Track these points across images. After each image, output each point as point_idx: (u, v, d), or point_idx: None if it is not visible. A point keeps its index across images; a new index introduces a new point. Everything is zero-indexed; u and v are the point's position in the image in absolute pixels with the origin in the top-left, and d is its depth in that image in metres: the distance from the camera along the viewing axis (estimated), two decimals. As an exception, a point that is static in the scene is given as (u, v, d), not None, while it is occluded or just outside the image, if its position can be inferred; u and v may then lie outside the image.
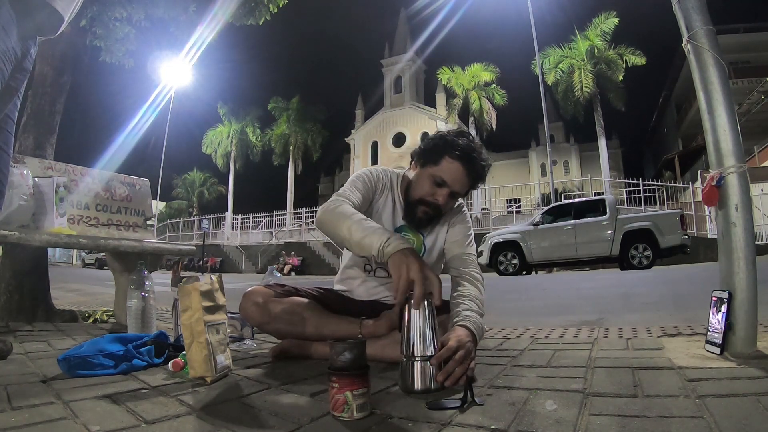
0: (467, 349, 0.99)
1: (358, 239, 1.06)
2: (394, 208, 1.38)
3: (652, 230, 8.05)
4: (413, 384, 0.95)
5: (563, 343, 1.55)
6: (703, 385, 0.92)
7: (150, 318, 1.61)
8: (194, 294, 1.10)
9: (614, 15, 18.21)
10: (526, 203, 16.73)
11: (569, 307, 3.07)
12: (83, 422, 0.78)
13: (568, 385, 0.97)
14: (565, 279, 7.09)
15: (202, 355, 1.07)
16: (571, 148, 35.14)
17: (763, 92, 16.24)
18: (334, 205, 1.18)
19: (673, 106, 27.11)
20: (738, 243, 1.17)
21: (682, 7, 1.27)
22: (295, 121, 26.36)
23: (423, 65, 35.06)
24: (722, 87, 1.21)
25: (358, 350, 0.82)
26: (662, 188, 13.48)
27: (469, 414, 0.80)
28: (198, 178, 33.16)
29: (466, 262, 1.34)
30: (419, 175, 1.32)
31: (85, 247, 2.06)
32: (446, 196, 1.28)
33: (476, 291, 1.25)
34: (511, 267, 8.88)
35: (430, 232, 1.39)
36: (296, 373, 1.18)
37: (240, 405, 0.90)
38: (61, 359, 1.14)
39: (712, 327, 1.21)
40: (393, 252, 0.98)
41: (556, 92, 19.52)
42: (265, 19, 4.95)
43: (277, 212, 20.56)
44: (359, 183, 1.33)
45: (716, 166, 1.21)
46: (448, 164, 1.26)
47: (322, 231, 1.18)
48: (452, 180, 1.27)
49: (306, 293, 1.37)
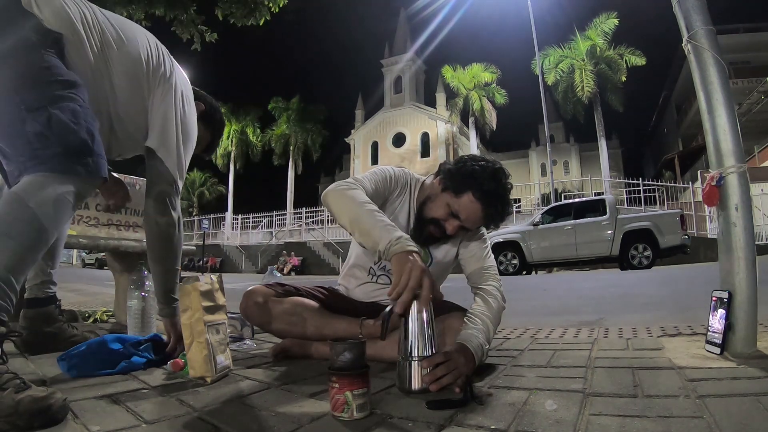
0: (457, 361, 0.98)
1: (367, 228, 1.03)
2: (409, 216, 1.34)
3: (652, 230, 8.05)
4: (410, 384, 0.95)
5: (563, 343, 1.55)
6: (703, 385, 0.92)
7: (150, 318, 1.61)
8: (194, 294, 1.10)
9: (614, 15, 18.24)
10: (526, 203, 16.71)
11: (569, 307, 3.07)
12: (83, 422, 0.78)
13: (568, 385, 0.97)
14: (565, 279, 7.10)
15: (202, 355, 1.07)
16: (571, 148, 35.16)
17: (763, 92, 16.23)
18: (349, 186, 1.14)
19: (673, 106, 27.12)
20: (738, 243, 1.17)
21: (682, 7, 1.27)
22: (295, 121, 26.34)
23: (423, 65, 35.08)
24: (722, 87, 1.21)
25: (358, 350, 0.82)
26: (662, 188, 13.47)
27: (469, 414, 0.80)
28: (198, 178, 33.15)
29: (483, 276, 1.30)
30: (438, 196, 1.26)
31: (85, 247, 2.06)
32: (456, 228, 1.24)
33: (487, 309, 1.21)
34: (511, 267, 8.87)
35: (438, 246, 1.36)
36: (296, 373, 1.18)
37: (240, 405, 0.90)
38: (61, 359, 1.14)
39: (712, 327, 1.21)
40: (400, 251, 0.96)
41: (556, 92, 19.52)
42: (265, 19, 4.96)
43: (277, 212, 20.54)
44: (379, 178, 1.29)
45: (716, 166, 1.21)
46: (468, 201, 1.20)
47: (326, 206, 1.15)
48: (467, 217, 1.22)
49: (307, 293, 1.37)
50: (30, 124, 0.93)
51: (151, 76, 1.25)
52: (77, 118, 0.97)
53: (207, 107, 1.50)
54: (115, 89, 1.18)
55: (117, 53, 1.17)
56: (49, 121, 0.93)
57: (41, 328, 1.44)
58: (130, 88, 1.21)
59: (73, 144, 0.96)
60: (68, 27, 1.06)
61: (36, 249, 0.92)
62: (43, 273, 1.46)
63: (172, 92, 1.28)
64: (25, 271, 0.90)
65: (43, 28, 1.00)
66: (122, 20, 1.25)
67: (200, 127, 1.43)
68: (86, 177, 0.99)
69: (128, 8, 4.40)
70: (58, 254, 1.52)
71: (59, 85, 0.98)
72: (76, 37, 1.07)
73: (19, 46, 0.97)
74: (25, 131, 0.93)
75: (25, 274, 0.91)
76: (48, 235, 0.92)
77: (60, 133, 0.94)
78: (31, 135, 0.93)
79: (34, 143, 0.93)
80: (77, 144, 0.97)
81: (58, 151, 0.94)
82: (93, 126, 1.01)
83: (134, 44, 1.22)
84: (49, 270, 1.47)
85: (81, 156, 0.97)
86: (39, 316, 1.44)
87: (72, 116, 0.96)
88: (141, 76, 1.23)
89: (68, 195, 0.95)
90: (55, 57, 1.00)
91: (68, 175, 0.95)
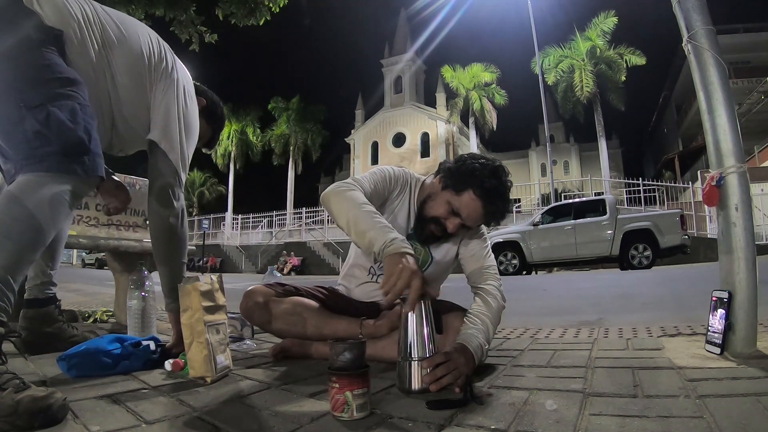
0: (457, 361, 0.98)
1: (363, 230, 1.03)
2: (409, 215, 1.35)
3: (652, 230, 8.05)
4: (410, 384, 0.96)
5: (563, 343, 1.55)
6: (703, 385, 0.92)
7: (150, 318, 1.61)
8: (194, 294, 1.10)
9: (614, 15, 18.23)
10: (526, 203, 16.70)
11: (569, 307, 3.07)
12: (83, 422, 0.78)
13: (568, 385, 0.97)
14: (565, 279, 7.10)
15: (202, 355, 1.07)
16: (571, 148, 35.14)
17: (763, 92, 16.23)
18: (347, 188, 1.15)
19: (673, 106, 27.12)
20: (738, 243, 1.17)
21: (682, 7, 1.27)
22: (295, 121, 26.33)
23: (423, 65, 35.07)
24: (722, 87, 1.21)
25: (358, 350, 0.82)
26: (662, 188, 13.47)
27: (469, 414, 0.80)
28: (198, 178, 33.15)
29: (483, 276, 1.30)
30: (438, 195, 1.27)
31: (85, 247, 2.06)
32: (457, 225, 1.24)
33: (487, 309, 1.21)
34: (511, 267, 8.87)
35: (439, 245, 1.36)
36: (296, 373, 1.18)
37: (240, 405, 0.90)
38: (61, 359, 1.14)
39: (712, 327, 1.21)
40: (393, 252, 0.97)
41: (556, 92, 19.50)
42: (266, 19, 4.96)
43: (277, 212, 20.53)
44: (378, 178, 1.29)
45: (716, 166, 1.21)
46: (469, 199, 1.21)
47: (325, 207, 1.15)
48: (467, 215, 1.23)
49: (307, 293, 1.37)
50: (29, 122, 0.92)
51: (152, 71, 1.25)
52: (75, 117, 0.97)
53: (208, 102, 1.50)
54: (117, 86, 1.18)
55: (118, 49, 1.17)
56: (48, 118, 0.93)
57: (41, 329, 1.44)
58: (131, 84, 1.21)
59: (70, 143, 0.95)
60: (69, 24, 1.06)
61: (33, 249, 0.91)
62: (43, 274, 1.46)
63: (173, 87, 1.28)
64: (22, 271, 0.90)
65: (43, 25, 1.00)
66: (123, 16, 1.25)
67: (202, 121, 1.43)
68: (83, 176, 0.98)
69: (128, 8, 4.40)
70: (58, 255, 1.52)
71: (59, 82, 0.98)
72: (77, 35, 1.07)
73: (19, 44, 0.97)
74: (23, 129, 0.93)
75: (23, 274, 0.91)
76: (45, 235, 0.92)
77: (58, 131, 0.94)
78: (30, 133, 0.92)
79: (32, 141, 0.93)
80: (74, 143, 0.96)
81: (55, 150, 0.93)
82: (91, 125, 1.01)
83: (135, 40, 1.22)
84: (50, 271, 1.47)
85: (77, 155, 0.97)
86: (39, 316, 1.44)
87: (70, 115, 0.96)
88: (143, 72, 1.23)
89: (65, 194, 0.95)
90: (56, 54, 1.00)
91: (64, 174, 0.95)
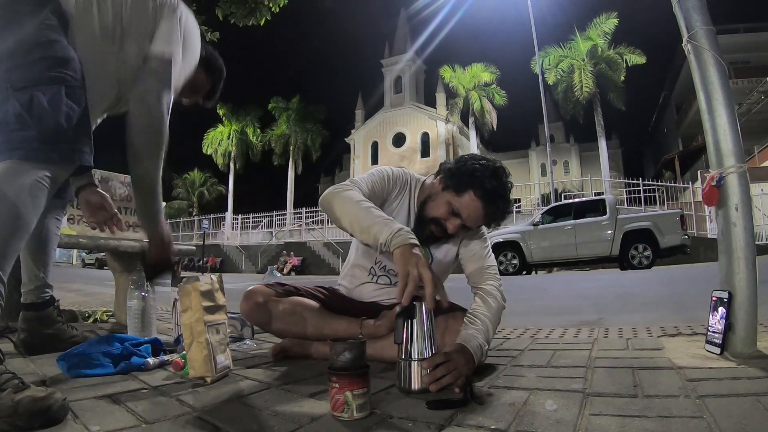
0: (456, 362, 0.98)
1: (367, 225, 1.03)
2: (409, 216, 1.34)
3: (652, 230, 8.06)
4: (410, 384, 0.96)
5: (563, 343, 1.55)
6: (703, 385, 0.92)
7: (150, 318, 1.61)
8: (194, 294, 1.10)
9: (614, 15, 18.24)
10: (526, 203, 16.71)
11: (569, 307, 3.07)
12: (83, 422, 0.78)
13: (568, 385, 0.97)
14: (565, 279, 7.10)
15: (202, 355, 1.07)
16: (571, 148, 35.15)
17: (763, 92, 16.23)
18: (345, 188, 1.15)
19: (673, 106, 27.10)
20: (738, 243, 1.17)
21: (682, 7, 1.27)
22: (295, 121, 26.33)
23: (423, 65, 35.05)
24: (722, 87, 1.21)
25: (358, 350, 0.82)
26: (662, 188, 13.48)
27: (469, 414, 0.80)
28: (198, 178, 33.15)
29: (483, 276, 1.30)
30: (438, 195, 1.26)
31: (85, 247, 2.06)
32: (457, 226, 1.24)
33: (487, 309, 1.21)
34: (511, 267, 8.87)
35: (439, 245, 1.36)
36: (296, 373, 1.18)
37: (240, 405, 0.90)
38: (61, 359, 1.14)
39: (712, 327, 1.21)
40: (401, 244, 0.96)
41: (556, 92, 19.51)
42: (266, 19, 4.96)
43: (277, 212, 20.52)
44: (376, 178, 1.29)
45: (716, 166, 1.21)
46: (470, 200, 1.20)
47: (324, 210, 1.15)
48: (468, 215, 1.22)
49: (307, 293, 1.37)
50: (11, 104, 0.90)
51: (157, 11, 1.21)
52: (59, 103, 0.94)
53: (207, 53, 1.47)
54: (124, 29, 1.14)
55: None
56: (30, 102, 0.90)
57: (41, 331, 1.43)
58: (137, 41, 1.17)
59: (48, 128, 0.93)
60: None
61: (17, 237, 0.90)
62: (36, 279, 1.44)
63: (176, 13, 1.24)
64: (8, 261, 0.89)
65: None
66: None
67: (200, 72, 1.41)
68: (60, 164, 0.97)
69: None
70: (49, 261, 1.49)
71: (48, 62, 0.95)
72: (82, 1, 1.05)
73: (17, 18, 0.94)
74: (5, 109, 0.90)
75: (9, 263, 0.89)
76: (27, 222, 0.92)
77: (39, 116, 0.91)
78: (10, 115, 0.90)
79: (11, 123, 0.90)
80: (53, 129, 0.93)
81: (33, 135, 0.91)
82: (75, 109, 0.97)
83: None
84: (42, 275, 1.45)
85: (56, 143, 0.94)
86: (38, 318, 1.44)
87: (54, 100, 0.93)
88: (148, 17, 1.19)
89: (43, 180, 0.94)
90: (55, 27, 0.98)
91: (42, 163, 0.93)
